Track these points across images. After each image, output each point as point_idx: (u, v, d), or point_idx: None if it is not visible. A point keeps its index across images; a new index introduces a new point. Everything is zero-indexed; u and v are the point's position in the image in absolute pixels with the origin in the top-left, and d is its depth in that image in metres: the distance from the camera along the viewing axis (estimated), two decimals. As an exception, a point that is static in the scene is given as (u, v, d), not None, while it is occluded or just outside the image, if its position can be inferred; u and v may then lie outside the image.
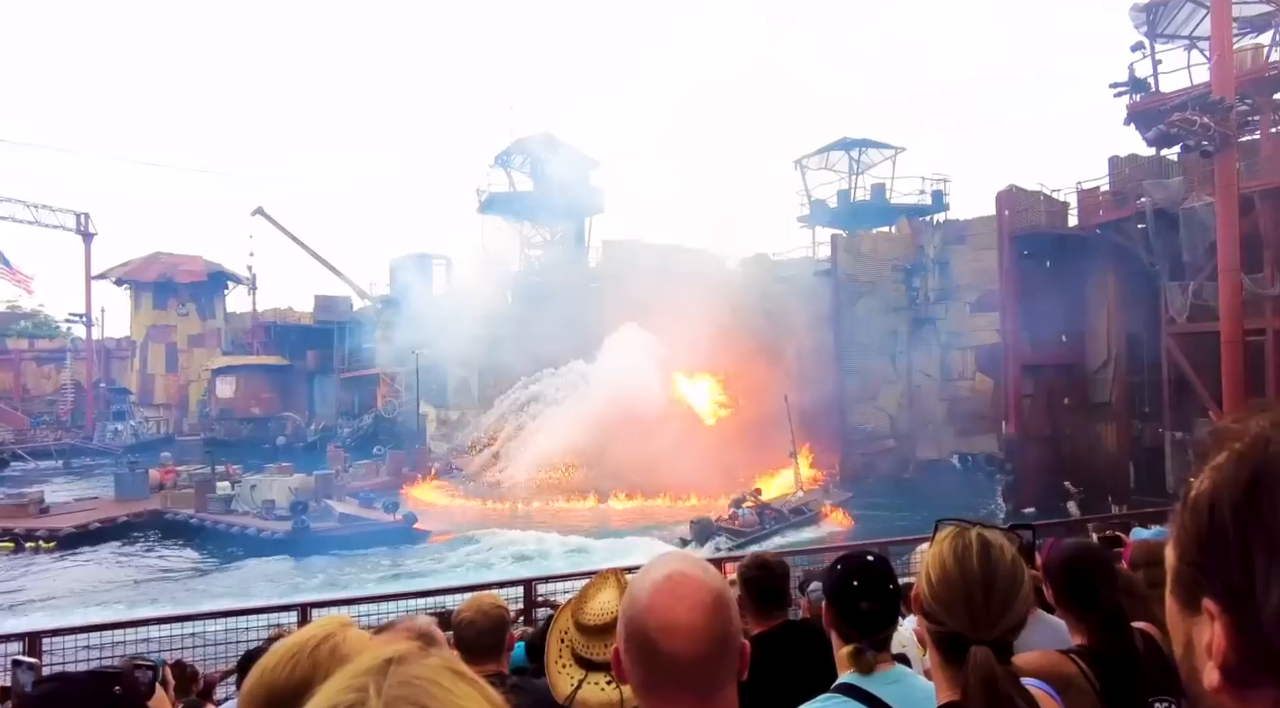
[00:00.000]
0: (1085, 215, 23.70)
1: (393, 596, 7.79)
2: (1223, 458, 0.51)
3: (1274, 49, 20.42)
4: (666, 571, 1.12)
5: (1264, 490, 0.47)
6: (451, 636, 2.84)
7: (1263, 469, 0.48)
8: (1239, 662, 0.48)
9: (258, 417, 47.90)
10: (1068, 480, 22.07)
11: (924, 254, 31.01)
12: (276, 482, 25.14)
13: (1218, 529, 0.49)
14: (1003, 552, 1.40)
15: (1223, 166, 16.95)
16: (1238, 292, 17.27)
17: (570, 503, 27.32)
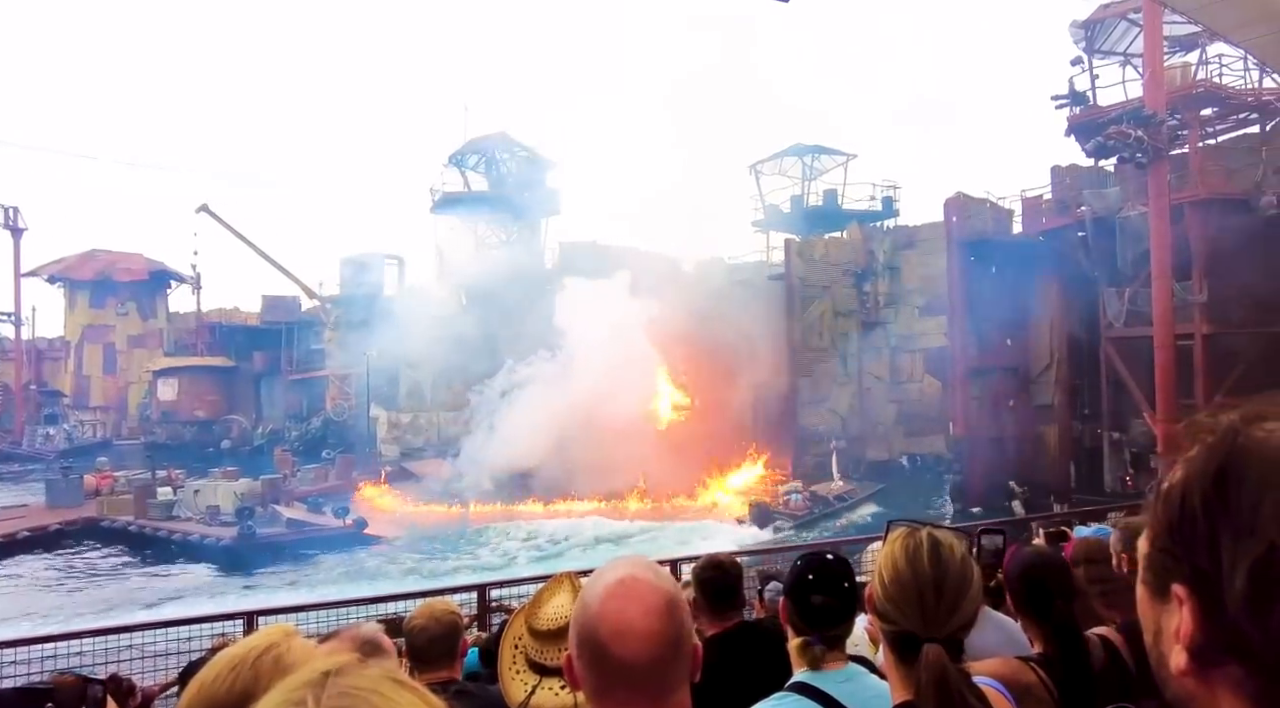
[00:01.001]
0: (1029, 223, 24.44)
1: (343, 602, 7.62)
2: (1194, 450, 0.53)
3: (1201, 68, 21.40)
4: (618, 575, 1.11)
5: (1231, 480, 0.50)
6: (403, 642, 2.80)
7: (1231, 460, 0.51)
8: (1204, 644, 0.51)
9: (202, 420, 46.51)
10: (1012, 480, 22.72)
11: (874, 259, 31.61)
12: (221, 487, 24.44)
13: (1188, 517, 0.52)
14: (952, 551, 1.43)
15: (1155, 178, 17.66)
16: (1169, 298, 17.99)
17: (534, 506, 26.96)
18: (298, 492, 26.90)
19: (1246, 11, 5.36)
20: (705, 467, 28.13)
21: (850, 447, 31.00)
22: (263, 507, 23.54)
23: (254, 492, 24.27)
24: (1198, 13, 6.38)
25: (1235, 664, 0.49)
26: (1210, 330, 19.08)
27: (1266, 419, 0.52)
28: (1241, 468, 0.50)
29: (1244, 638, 0.49)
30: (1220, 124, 22.78)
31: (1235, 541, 0.49)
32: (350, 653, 1.38)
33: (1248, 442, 0.51)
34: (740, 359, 30.63)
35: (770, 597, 4.61)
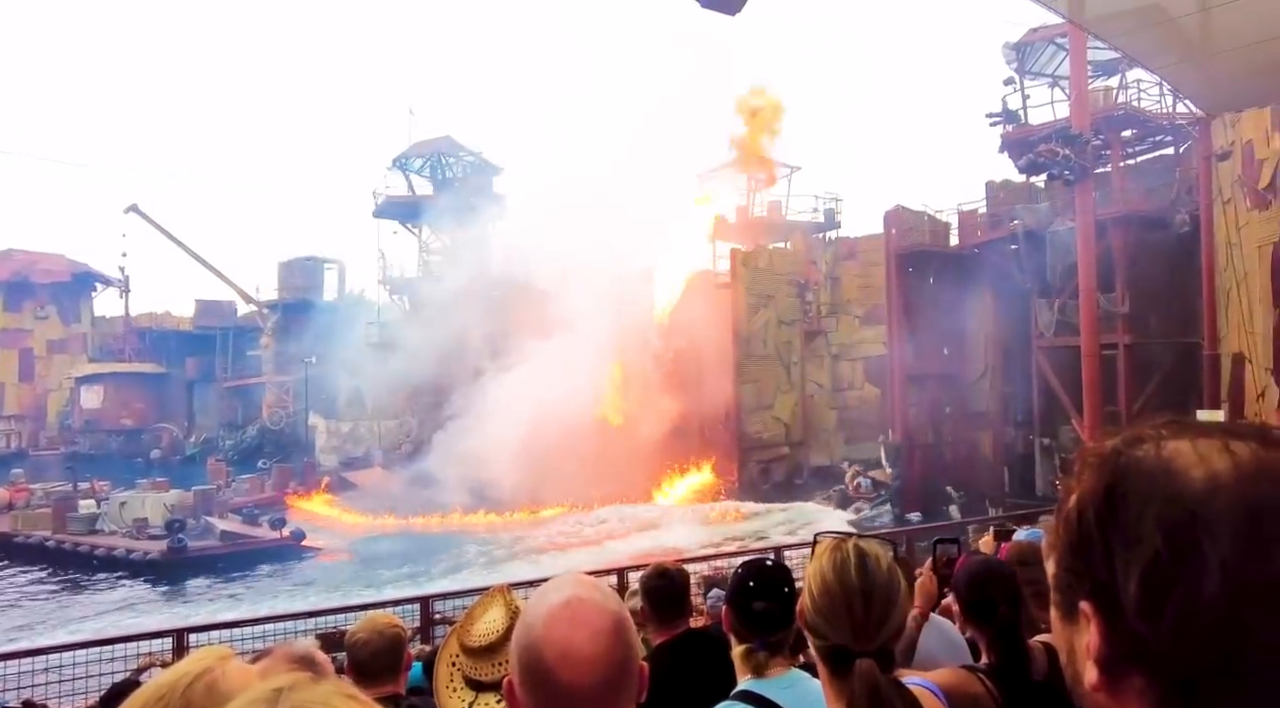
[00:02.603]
0: (965, 235, 25.26)
1: (279, 617, 7.40)
2: (1085, 475, 0.59)
3: (1121, 91, 22.52)
4: (564, 596, 1.07)
5: (1118, 497, 0.55)
6: (343, 658, 2.74)
7: (1116, 479, 0.56)
8: (1110, 655, 0.55)
9: (129, 428, 44.62)
10: (949, 485, 23.39)
11: (817, 269, 32.24)
12: (149, 499, 23.45)
13: (1085, 534, 0.57)
14: (879, 562, 1.45)
15: (1081, 195, 18.47)
16: (1095, 310, 18.81)
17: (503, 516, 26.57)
18: (232, 503, 26.01)
19: (1158, 41, 5.68)
20: (655, 473, 28.23)
21: (792, 452, 31.46)
22: (195, 519, 22.68)
23: (185, 503, 23.35)
24: (1116, 40, 6.72)
25: (1138, 674, 0.53)
26: (1131, 341, 20.01)
27: (1144, 441, 0.57)
28: (1125, 485, 0.55)
29: (1142, 643, 0.52)
30: (1139, 145, 23.97)
31: (1126, 551, 0.53)
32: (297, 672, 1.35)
33: (1129, 462, 0.56)
34: (687, 366, 30.86)
35: (711, 604, 4.66)
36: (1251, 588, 0.49)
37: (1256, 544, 0.50)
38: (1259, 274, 16.45)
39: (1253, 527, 0.50)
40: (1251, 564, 0.49)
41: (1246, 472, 0.52)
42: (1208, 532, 0.51)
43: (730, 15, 10.90)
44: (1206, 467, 0.53)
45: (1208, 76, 7.02)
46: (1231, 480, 0.52)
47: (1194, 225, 18.81)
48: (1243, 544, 0.50)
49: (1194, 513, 0.52)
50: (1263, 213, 16.39)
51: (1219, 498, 0.52)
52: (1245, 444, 0.54)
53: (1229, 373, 17.55)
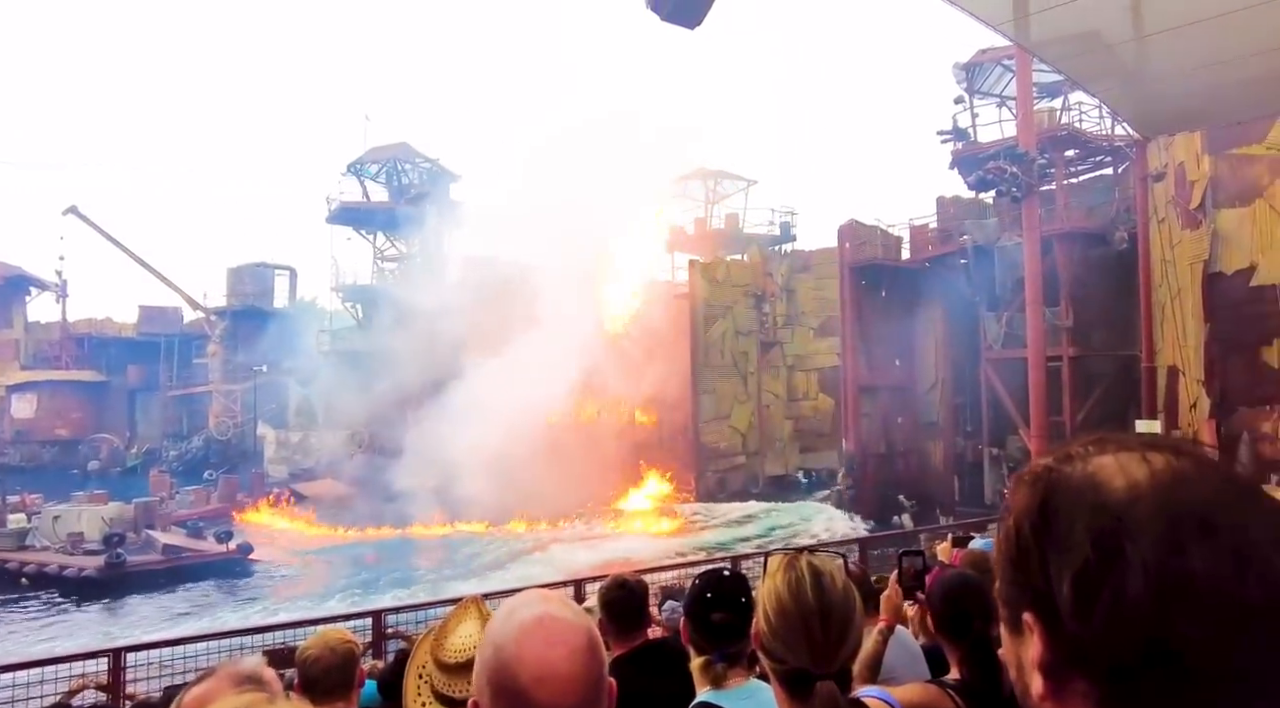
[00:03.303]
0: (916, 249, 25.84)
1: (225, 634, 7.18)
2: (1020, 492, 0.64)
3: (1065, 113, 23.37)
4: (535, 614, 1.03)
5: (1050, 510, 0.60)
6: (293, 674, 2.68)
7: (1048, 492, 0.60)
8: (1053, 661, 0.58)
9: (64, 439, 42.94)
10: (902, 494, 23.80)
11: (773, 281, 32.67)
12: (86, 512, 22.52)
13: (1023, 547, 0.61)
14: (834, 581, 1.41)
15: (1027, 211, 19.06)
16: (1041, 323, 19.39)
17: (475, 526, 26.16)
18: (176, 516, 25.16)
19: (1097, 66, 5.92)
20: (618, 483, 28.22)
21: (749, 462, 31.71)
22: (135, 533, 21.87)
23: (125, 517, 22.50)
24: (1058, 63, 6.99)
25: (1080, 677, 0.57)
26: (1075, 353, 20.68)
27: (1072, 458, 0.62)
28: (1056, 499, 0.59)
29: (1079, 645, 0.56)
30: (1081, 165, 24.87)
31: (1059, 559, 0.57)
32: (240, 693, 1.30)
33: (1059, 477, 0.61)
34: (647, 377, 30.91)
35: (668, 616, 4.67)
36: (1171, 584, 0.53)
37: (1174, 543, 0.54)
38: (1191, 290, 17.16)
39: (1169, 528, 0.54)
40: (1170, 562, 0.53)
41: (1162, 479, 0.57)
42: (1130, 536, 0.55)
43: (690, 29, 11.06)
44: (1127, 477, 0.58)
45: (1143, 101, 7.32)
46: (1149, 488, 0.57)
47: (1132, 242, 19.55)
48: (1161, 544, 0.54)
49: (1118, 519, 0.56)
50: (1194, 232, 17.12)
51: (1139, 504, 0.56)
52: (1160, 455, 0.59)
53: (1164, 384, 18.24)
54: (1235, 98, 7.54)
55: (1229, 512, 0.55)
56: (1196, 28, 5.78)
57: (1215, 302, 16.55)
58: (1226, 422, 16.36)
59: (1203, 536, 0.54)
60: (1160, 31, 5.97)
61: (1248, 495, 0.57)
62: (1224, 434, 16.29)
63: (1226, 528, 0.54)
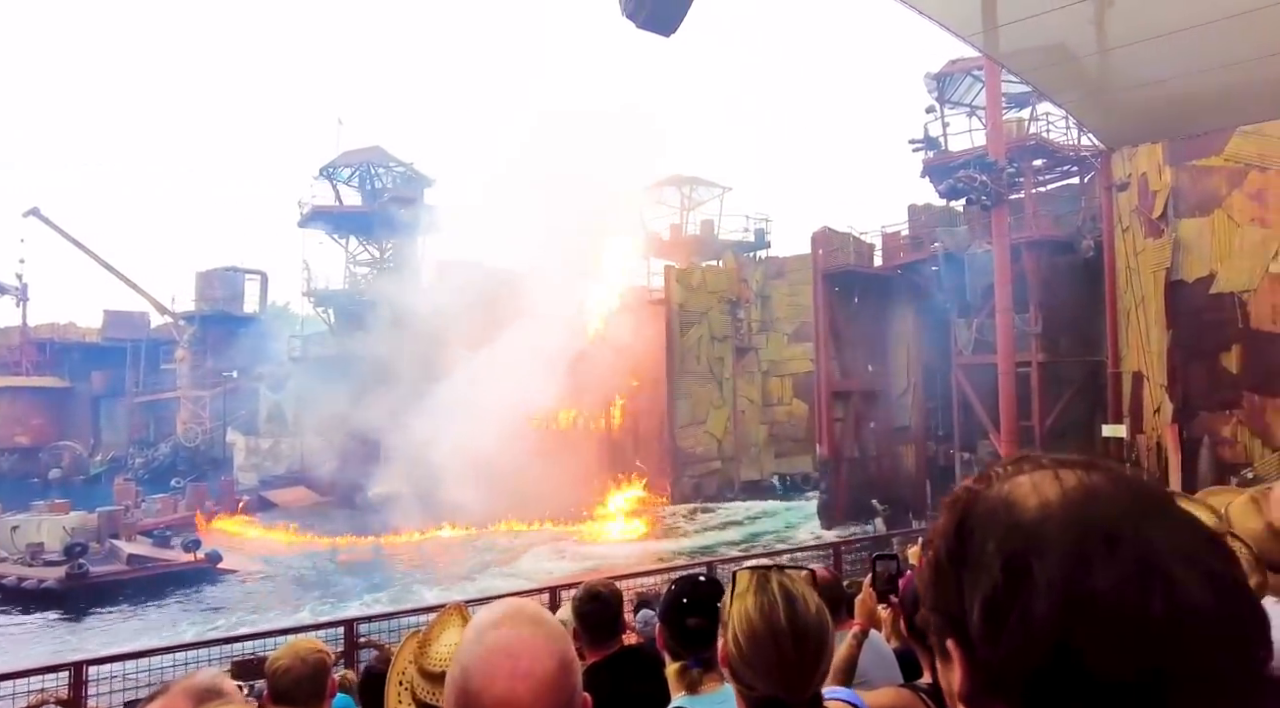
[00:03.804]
0: (888, 256, 26.15)
1: (192, 645, 7.05)
2: (941, 515, 0.64)
3: (1032, 123, 23.84)
4: (505, 640, 0.97)
5: (965, 530, 0.59)
6: (263, 686, 2.65)
7: (965, 513, 0.60)
8: (972, 690, 0.57)
9: (24, 447, 41.94)
10: (875, 498, 24.01)
11: (748, 287, 32.89)
12: (46, 522, 21.99)
13: (941, 572, 0.61)
14: (807, 604, 1.37)
15: (997, 220, 19.37)
16: (1010, 329, 19.71)
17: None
18: (141, 525, 24.63)
19: (1063, 78, 6.06)
20: (594, 488, 28.18)
21: (724, 467, 31.84)
22: (99, 542, 21.38)
23: (88, 526, 21.99)
24: (1026, 74, 7.13)
25: (1000, 704, 0.56)
26: (1044, 359, 21.04)
27: (990, 479, 0.62)
28: (972, 520, 0.59)
29: (993, 672, 0.55)
30: (1049, 174, 25.35)
31: (972, 579, 0.57)
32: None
33: (975, 498, 0.61)
34: (625, 382, 30.94)
35: (642, 626, 4.66)
36: (1075, 603, 0.52)
37: (1079, 561, 0.53)
38: (1154, 297, 17.54)
39: (1076, 546, 0.53)
40: (1075, 581, 0.52)
41: (1073, 497, 0.56)
42: (1038, 555, 0.54)
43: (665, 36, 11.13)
44: (1039, 496, 0.57)
45: (1106, 112, 7.50)
46: (1059, 506, 0.56)
47: (1098, 250, 19.95)
48: (1067, 562, 0.53)
49: (1027, 538, 0.55)
50: (1156, 241, 17.51)
51: (1048, 523, 0.55)
52: (1072, 472, 0.59)
53: (1130, 389, 18.61)
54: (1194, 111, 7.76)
55: (1136, 525, 0.54)
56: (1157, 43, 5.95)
57: (1177, 309, 16.94)
58: (1188, 426, 16.72)
59: (1108, 551, 0.52)
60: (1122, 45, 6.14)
61: (1156, 508, 0.56)
62: (1186, 438, 16.66)
63: (1132, 542, 0.53)
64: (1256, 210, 16.13)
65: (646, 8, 9.15)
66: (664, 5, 9.24)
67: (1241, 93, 7.11)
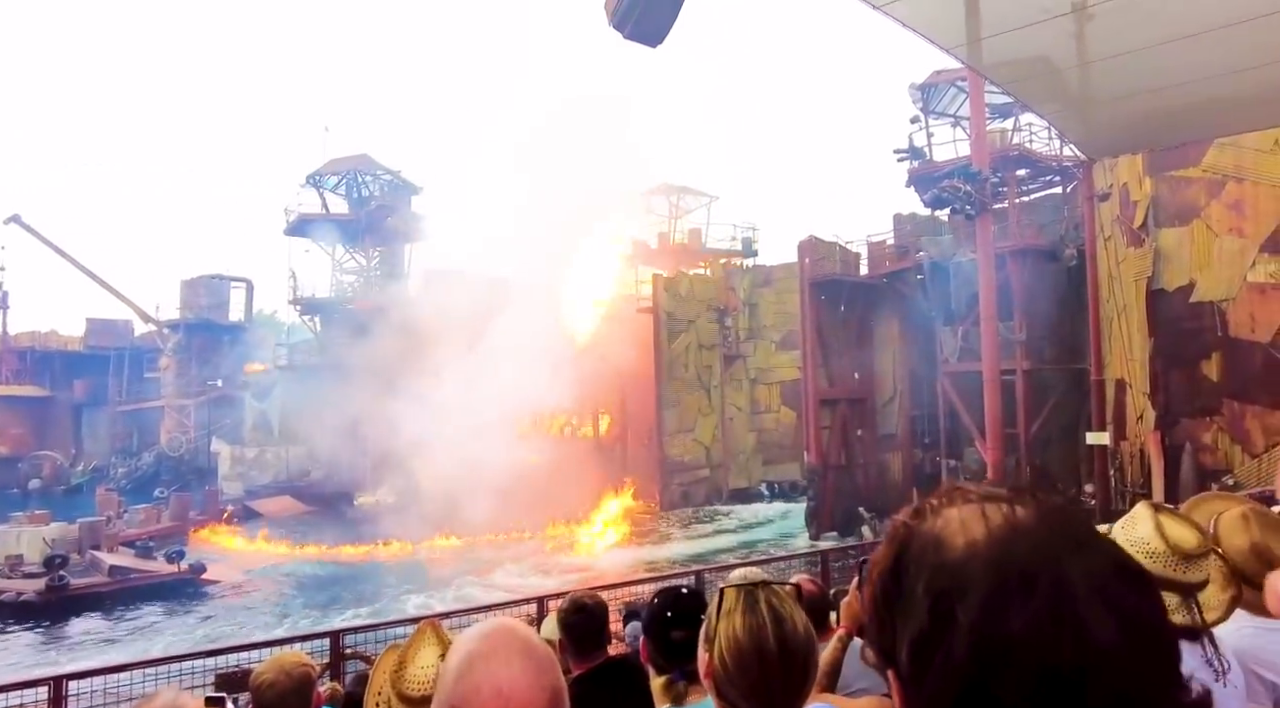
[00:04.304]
0: (874, 265, 26.33)
1: (175, 658, 6.95)
2: (882, 547, 0.63)
3: (1015, 133, 24.13)
4: (494, 681, 0.92)
5: (902, 565, 0.59)
6: (248, 700, 2.63)
7: (900, 549, 0.60)
8: None
9: (3, 457, 41.37)
10: (862, 506, 24.09)
11: (735, 295, 33.02)
12: (26, 533, 21.65)
13: (876, 608, 0.61)
14: (794, 624, 1.38)
15: (981, 229, 19.55)
16: (995, 337, 19.87)
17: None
18: (123, 535, 24.34)
19: (1044, 89, 6.15)
20: (583, 497, 28.12)
21: (713, 475, 31.89)
22: (79, 554, 21.10)
23: (69, 537, 21.70)
24: (1008, 86, 7.25)
25: None
26: (1029, 367, 21.23)
27: (924, 513, 0.61)
28: (907, 556, 0.59)
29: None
30: (1032, 184, 25.64)
31: (903, 624, 0.56)
32: None
33: (910, 533, 0.60)
34: (613, 390, 30.93)
35: (630, 640, 4.63)
36: (992, 647, 0.51)
37: (999, 604, 0.52)
38: (1136, 306, 17.75)
39: (996, 587, 0.53)
40: (991, 624, 0.52)
41: (997, 536, 0.56)
42: (961, 597, 0.53)
43: (652, 47, 11.19)
44: (966, 534, 0.57)
45: (1087, 124, 7.64)
46: (984, 545, 0.55)
47: (1081, 259, 20.17)
48: (986, 606, 0.52)
49: (952, 579, 0.54)
50: (1137, 250, 17.73)
51: (973, 563, 0.55)
52: (998, 508, 0.58)
53: (1113, 397, 18.79)
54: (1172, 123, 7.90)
55: (1054, 564, 0.53)
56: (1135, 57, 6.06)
57: (1158, 317, 17.15)
58: (1171, 433, 16.91)
59: (1025, 592, 0.52)
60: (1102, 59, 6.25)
61: (1076, 542, 0.55)
62: (1168, 445, 16.84)
63: (1048, 583, 0.52)
64: (1234, 220, 16.37)
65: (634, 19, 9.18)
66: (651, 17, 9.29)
67: (1218, 106, 7.25)
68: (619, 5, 9.40)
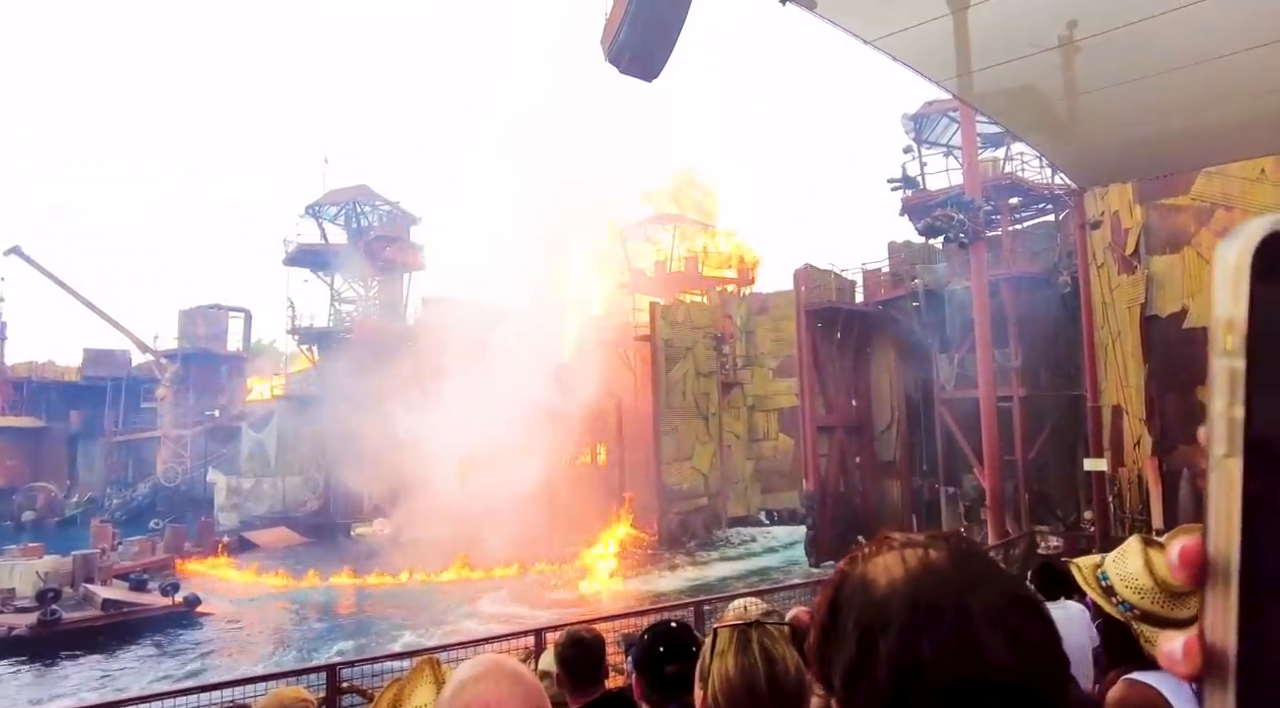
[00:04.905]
0: (869, 292, 26.48)
1: (169, 693, 6.87)
2: (821, 593, 0.71)
3: (1007, 162, 24.43)
4: (483, 701, 0.95)
5: (835, 605, 0.66)
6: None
7: (836, 591, 0.67)
8: None
9: (-2, 489, 41.06)
10: (861, 534, 23.93)
11: (732, 323, 33.14)
12: (18, 566, 21.43)
13: (819, 645, 0.66)
14: (786, 664, 1.41)
15: (975, 256, 19.71)
16: (991, 364, 19.94)
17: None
18: (117, 568, 24.12)
19: (1033, 120, 6.27)
20: (582, 526, 27.93)
21: (711, 503, 31.72)
22: (73, 587, 20.89)
23: (62, 570, 21.48)
24: (999, 116, 7.39)
25: None
26: (1025, 393, 21.26)
27: (858, 559, 0.68)
28: (840, 597, 0.66)
29: None
30: (1024, 212, 25.87)
31: (837, 654, 0.63)
32: None
33: (845, 577, 0.67)
34: (610, 418, 30.87)
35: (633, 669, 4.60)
36: (907, 671, 0.58)
37: (912, 634, 0.59)
38: (1130, 332, 17.84)
39: (910, 619, 0.60)
40: (906, 651, 0.59)
41: (913, 574, 0.63)
42: (882, 630, 0.60)
43: (647, 82, 11.36)
44: (889, 574, 0.64)
45: (1076, 153, 7.76)
46: (902, 583, 0.63)
47: (1075, 286, 20.31)
48: (902, 635, 0.59)
49: (876, 614, 0.61)
50: (1130, 276, 17.87)
51: (893, 600, 0.62)
52: (915, 552, 0.66)
53: (1110, 423, 18.81)
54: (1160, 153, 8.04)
55: (958, 596, 0.61)
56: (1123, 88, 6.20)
57: (1152, 343, 17.23)
58: (1168, 458, 16.90)
59: (932, 623, 0.59)
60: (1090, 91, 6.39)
61: (978, 579, 0.63)
62: (1166, 471, 16.82)
63: (953, 612, 0.60)
64: (1225, 247, 16.52)
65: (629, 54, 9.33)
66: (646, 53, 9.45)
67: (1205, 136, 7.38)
68: (615, 41, 9.57)
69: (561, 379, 30.18)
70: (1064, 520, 21.60)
